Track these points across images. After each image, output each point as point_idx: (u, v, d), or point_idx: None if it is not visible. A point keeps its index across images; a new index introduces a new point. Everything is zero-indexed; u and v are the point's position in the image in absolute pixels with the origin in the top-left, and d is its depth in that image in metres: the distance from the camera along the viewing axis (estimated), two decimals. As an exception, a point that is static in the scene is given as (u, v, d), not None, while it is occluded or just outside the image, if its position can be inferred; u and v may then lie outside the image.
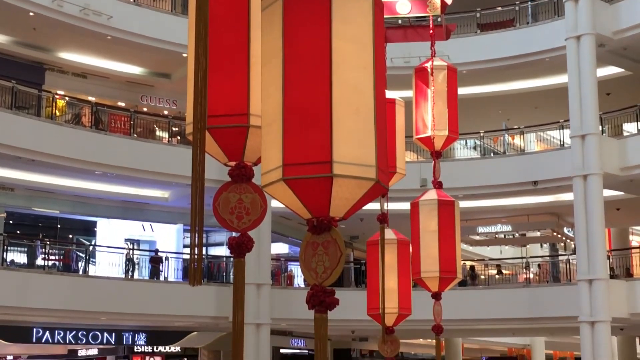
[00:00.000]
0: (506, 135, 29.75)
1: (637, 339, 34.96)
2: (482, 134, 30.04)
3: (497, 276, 32.37)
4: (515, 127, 30.83)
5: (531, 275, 30.15)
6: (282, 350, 35.04)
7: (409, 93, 11.81)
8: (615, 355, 30.20)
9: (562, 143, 27.65)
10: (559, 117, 27.34)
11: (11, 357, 34.73)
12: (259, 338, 25.39)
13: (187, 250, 25.17)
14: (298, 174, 4.56)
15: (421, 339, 37.26)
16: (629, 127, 27.15)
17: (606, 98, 26.84)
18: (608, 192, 25.49)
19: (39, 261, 25.25)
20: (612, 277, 25.02)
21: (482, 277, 31.82)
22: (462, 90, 13.64)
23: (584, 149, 24.34)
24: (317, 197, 4.63)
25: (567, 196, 25.94)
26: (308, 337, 31.94)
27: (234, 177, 5.53)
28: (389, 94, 9.74)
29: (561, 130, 27.64)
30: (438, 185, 11.56)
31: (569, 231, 33.11)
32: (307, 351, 35.06)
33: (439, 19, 12.21)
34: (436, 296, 11.64)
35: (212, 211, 5.47)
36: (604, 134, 25.80)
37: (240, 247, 5.42)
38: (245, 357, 6.59)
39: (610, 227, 32.01)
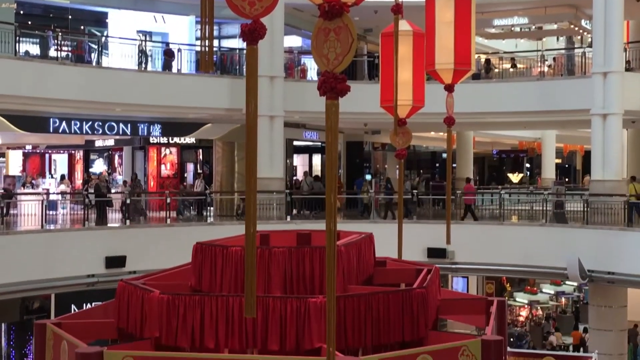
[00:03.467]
0: None
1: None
2: None
3: (511, 70, 32.20)
4: None
5: (545, 69, 29.97)
6: (295, 143, 35.59)
7: None
8: (625, 149, 30.53)
9: None
10: None
11: (30, 147, 35.53)
12: (272, 130, 25.67)
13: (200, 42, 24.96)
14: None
15: (432, 132, 37.63)
16: None
17: None
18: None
19: (52, 52, 25.16)
20: (627, 70, 24.86)
21: (497, 70, 31.66)
22: None
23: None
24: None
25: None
26: (321, 130, 32.27)
27: (245, -36, 5.35)
28: None
29: None
30: (455, -25, 11.23)
31: (586, 24, 32.52)
32: (320, 143, 35.58)
33: None
34: (449, 88, 11.62)
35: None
36: None
37: (253, 33, 5.30)
38: (258, 149, 6.67)
39: (629, 19, 31.41)
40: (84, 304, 22.28)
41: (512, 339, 28.76)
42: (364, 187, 30.16)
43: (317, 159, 38.13)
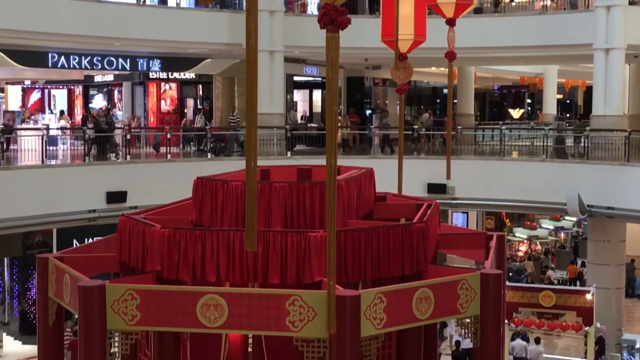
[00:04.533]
0: None
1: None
2: None
3: (512, 4, 31.85)
4: None
5: (548, 2, 29.63)
6: (295, 78, 35.39)
7: None
8: (627, 84, 30.36)
9: None
10: None
11: (29, 82, 35.34)
12: (272, 65, 25.52)
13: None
14: None
15: (433, 67, 37.40)
16: None
17: None
18: None
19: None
20: (630, 3, 24.58)
21: (501, 4, 31.30)
22: None
23: None
24: None
25: None
26: (321, 65, 32.06)
27: None
28: None
29: None
30: None
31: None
32: (320, 79, 35.40)
33: None
34: (451, 22, 11.53)
35: None
36: None
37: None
38: (258, 84, 6.64)
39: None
40: (86, 239, 22.42)
41: (510, 274, 29.03)
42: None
43: (317, 94, 37.96)
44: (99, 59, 26.54)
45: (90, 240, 22.09)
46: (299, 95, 38.07)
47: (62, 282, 8.38)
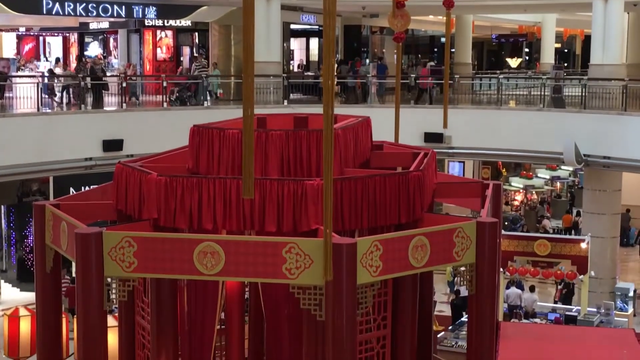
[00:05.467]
0: None
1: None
2: None
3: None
4: None
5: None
6: (292, 26, 35.12)
7: None
8: (626, 32, 30.18)
9: None
10: None
11: (23, 29, 35.08)
12: (269, 12, 25.29)
13: None
14: None
15: (431, 16, 37.12)
16: None
17: None
18: None
19: None
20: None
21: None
22: None
23: None
24: None
25: None
26: (318, 13, 31.81)
27: None
28: None
29: None
30: None
31: None
32: (317, 27, 35.14)
33: None
34: (449, -30, 11.41)
35: None
36: None
37: None
38: (255, 32, 6.59)
39: None
40: (82, 187, 22.42)
41: (506, 223, 29.16)
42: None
43: (314, 43, 37.72)
44: (94, 5, 26.29)
45: (87, 188, 22.13)
46: (295, 44, 37.82)
47: (59, 229, 8.40)
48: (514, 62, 49.10)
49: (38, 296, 9.08)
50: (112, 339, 9.01)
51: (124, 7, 26.94)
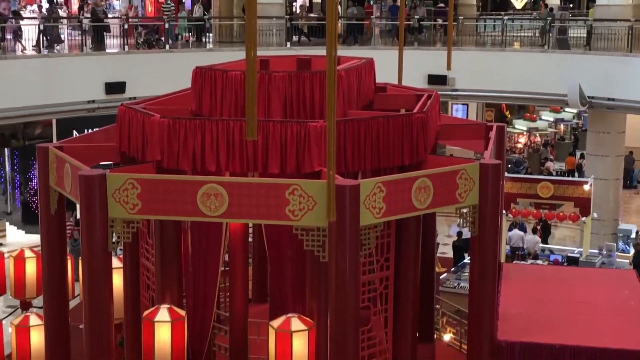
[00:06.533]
0: None
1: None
2: None
3: None
4: None
5: None
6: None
7: None
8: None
9: None
10: None
11: (23, -29, 34.56)
12: (271, -48, 24.97)
13: None
14: None
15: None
16: None
17: None
18: None
19: None
20: None
21: None
22: None
23: None
24: None
25: None
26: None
27: None
28: None
29: None
30: None
31: None
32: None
33: None
34: None
35: None
36: None
37: None
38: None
39: None
40: (85, 130, 22.39)
41: (509, 165, 29.13)
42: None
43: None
44: (95, -54, 25.95)
45: (90, 131, 22.10)
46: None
47: (63, 171, 8.41)
48: (518, 3, 48.49)
49: (43, 238, 9.13)
50: (117, 280, 9.09)
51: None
